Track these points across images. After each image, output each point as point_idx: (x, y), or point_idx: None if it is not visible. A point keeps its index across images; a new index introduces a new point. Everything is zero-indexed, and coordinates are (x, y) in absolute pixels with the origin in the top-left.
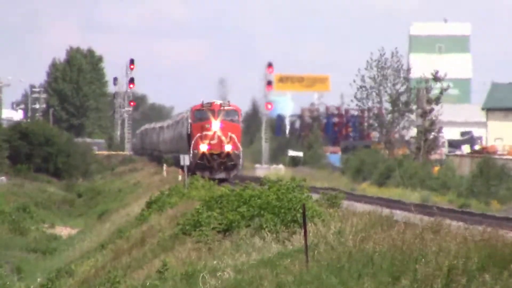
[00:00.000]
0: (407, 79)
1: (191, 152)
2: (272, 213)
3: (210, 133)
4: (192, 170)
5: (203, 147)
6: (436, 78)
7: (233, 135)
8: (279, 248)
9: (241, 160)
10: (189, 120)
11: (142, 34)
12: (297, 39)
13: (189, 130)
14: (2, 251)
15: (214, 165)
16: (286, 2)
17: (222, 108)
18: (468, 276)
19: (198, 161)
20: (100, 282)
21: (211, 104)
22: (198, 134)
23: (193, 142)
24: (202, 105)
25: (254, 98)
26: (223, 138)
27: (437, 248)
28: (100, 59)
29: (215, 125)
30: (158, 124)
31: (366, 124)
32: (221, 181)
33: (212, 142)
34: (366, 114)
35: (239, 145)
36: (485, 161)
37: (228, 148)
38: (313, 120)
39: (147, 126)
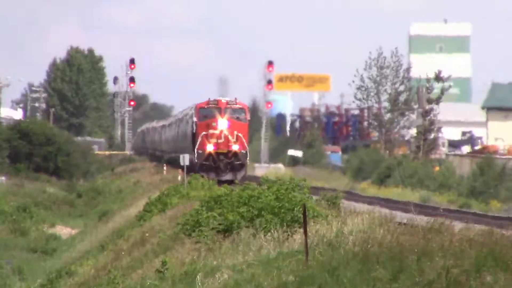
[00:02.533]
0: (407, 79)
1: (196, 152)
2: (272, 214)
3: (216, 132)
4: (197, 171)
5: (210, 147)
6: (438, 78)
7: (240, 134)
8: (279, 248)
9: (247, 160)
10: (194, 118)
11: (142, 34)
12: (297, 39)
13: (193, 128)
14: (2, 251)
15: (221, 165)
16: (286, 2)
17: (228, 105)
18: (469, 275)
19: (204, 162)
20: (100, 282)
21: (217, 101)
22: (204, 133)
23: (198, 141)
24: (207, 102)
25: (254, 97)
26: (230, 137)
27: (438, 248)
28: (100, 58)
29: (222, 123)
30: (160, 123)
31: (366, 123)
32: (226, 182)
33: (219, 141)
34: (365, 113)
35: (246, 144)
36: (485, 161)
37: (235, 147)
38: (313, 119)
39: (148, 125)
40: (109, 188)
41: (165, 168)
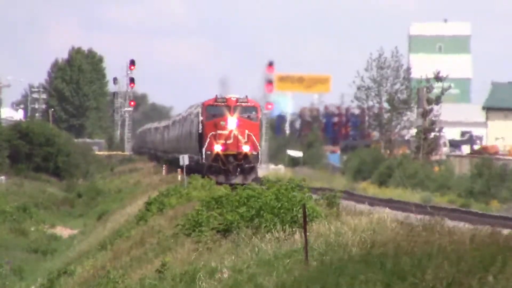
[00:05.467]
0: (407, 79)
1: (203, 153)
2: (272, 214)
3: (225, 132)
4: (205, 173)
5: (217, 147)
6: (437, 78)
7: (251, 134)
8: (279, 248)
9: (259, 162)
10: (201, 117)
11: (142, 34)
12: (297, 39)
13: (200, 128)
14: (3, 251)
15: (230, 167)
16: (286, 2)
17: (239, 103)
18: (471, 276)
19: (212, 164)
20: (100, 282)
21: (226, 99)
22: (212, 133)
23: (206, 142)
24: (215, 100)
25: (254, 97)
26: (240, 137)
27: (438, 248)
28: (100, 59)
29: (231, 122)
30: (162, 123)
31: (366, 123)
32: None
33: (228, 141)
34: (366, 113)
35: (257, 145)
36: (484, 162)
37: (245, 148)
38: (313, 119)
39: (149, 125)
40: (109, 188)
41: (164, 168)
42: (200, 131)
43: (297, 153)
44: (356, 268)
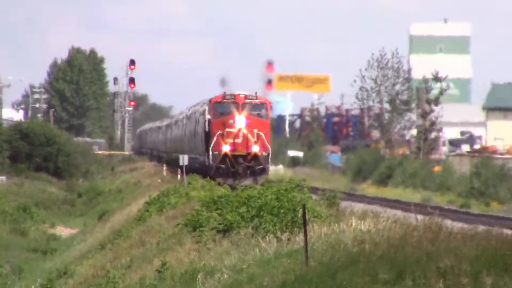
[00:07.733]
0: (407, 80)
1: (211, 153)
2: (272, 214)
3: (233, 130)
4: (212, 175)
5: (225, 147)
6: (436, 79)
7: (261, 133)
8: (279, 248)
9: (270, 163)
10: (207, 116)
11: (142, 34)
12: (297, 39)
13: (207, 127)
14: (2, 251)
15: (239, 169)
16: (286, 2)
17: (247, 100)
18: (469, 276)
19: (219, 165)
20: (100, 282)
21: (234, 96)
22: (219, 132)
23: (213, 141)
24: (223, 97)
25: None
26: (249, 136)
27: (438, 249)
28: (101, 60)
29: (240, 120)
30: (164, 122)
31: (367, 123)
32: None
33: (236, 141)
34: (366, 113)
35: (268, 145)
36: (483, 161)
37: (255, 148)
38: (313, 119)
39: (150, 124)
40: (109, 188)
41: (165, 168)
42: (207, 130)
43: (297, 153)
44: (356, 268)
